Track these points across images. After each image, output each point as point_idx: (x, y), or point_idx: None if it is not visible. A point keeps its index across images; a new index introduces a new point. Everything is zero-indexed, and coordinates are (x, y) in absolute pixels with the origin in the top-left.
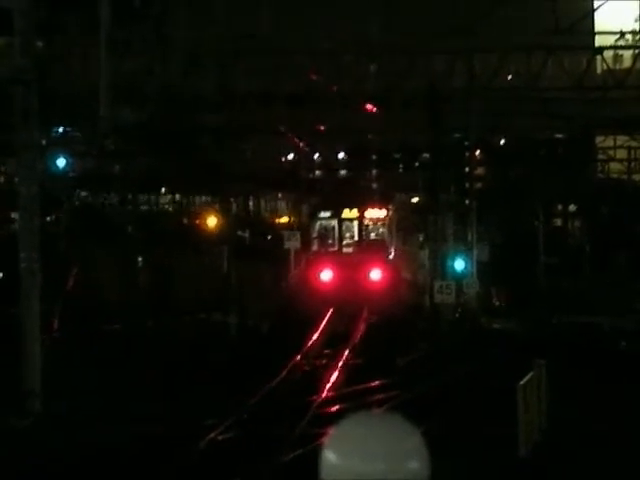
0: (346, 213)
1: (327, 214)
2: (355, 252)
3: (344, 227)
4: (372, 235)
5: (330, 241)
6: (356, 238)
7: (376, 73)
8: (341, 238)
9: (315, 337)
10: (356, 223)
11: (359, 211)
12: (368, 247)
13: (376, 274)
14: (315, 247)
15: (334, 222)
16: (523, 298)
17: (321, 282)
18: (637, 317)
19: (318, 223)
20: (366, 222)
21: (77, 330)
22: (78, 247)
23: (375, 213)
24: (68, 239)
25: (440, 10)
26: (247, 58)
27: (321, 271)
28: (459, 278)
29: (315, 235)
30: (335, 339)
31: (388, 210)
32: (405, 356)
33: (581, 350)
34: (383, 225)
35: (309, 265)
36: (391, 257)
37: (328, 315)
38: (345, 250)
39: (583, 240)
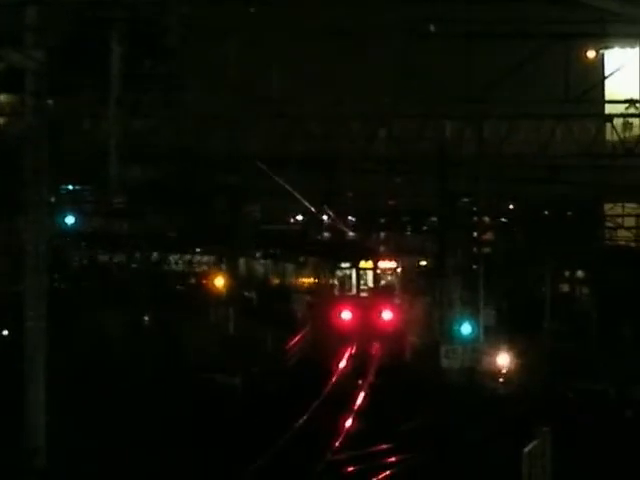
0: (362, 263)
1: (347, 264)
2: (370, 296)
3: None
4: (384, 281)
5: (348, 287)
6: (370, 284)
7: (386, 137)
8: (358, 284)
9: (322, 397)
10: (370, 272)
11: (373, 262)
12: (380, 292)
13: (387, 314)
14: (337, 291)
15: (352, 271)
16: (528, 364)
17: (342, 320)
18: None
19: (339, 272)
20: (378, 271)
21: (82, 387)
22: (85, 305)
23: (386, 264)
24: (75, 297)
25: (451, 77)
26: (258, 121)
27: (342, 311)
28: (465, 342)
29: (337, 282)
30: (341, 400)
31: (397, 261)
32: (410, 422)
33: (586, 418)
34: (393, 274)
35: (332, 306)
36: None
37: (335, 377)
38: (362, 295)
39: (590, 307)
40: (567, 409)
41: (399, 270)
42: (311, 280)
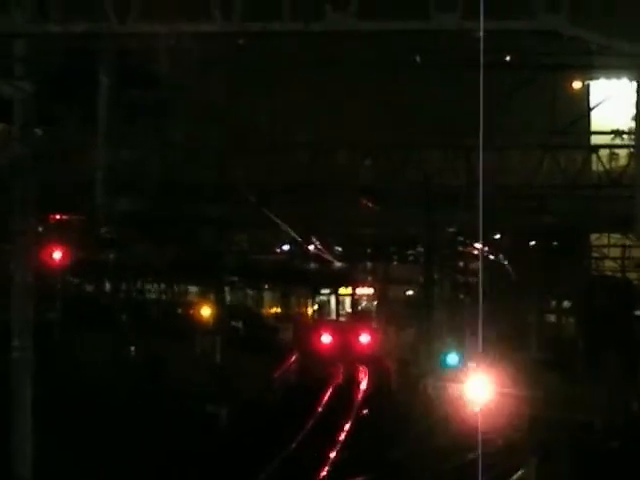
0: (341, 290)
1: (327, 291)
2: (348, 321)
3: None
4: (361, 307)
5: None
6: (349, 310)
7: (371, 167)
8: (337, 310)
9: (308, 426)
10: (349, 298)
11: (352, 289)
12: (358, 317)
13: (364, 338)
14: (317, 317)
15: (332, 297)
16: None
17: (322, 343)
18: (629, 416)
19: (318, 298)
20: (356, 297)
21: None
22: (71, 335)
23: (364, 290)
24: (61, 327)
25: (437, 109)
26: (245, 152)
27: (322, 335)
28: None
29: (316, 307)
30: (326, 429)
31: (375, 288)
32: (396, 449)
33: (571, 448)
34: (370, 300)
35: (315, 331)
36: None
37: (322, 403)
38: (341, 319)
39: (577, 336)
40: (551, 439)
41: (378, 297)
42: (296, 309)
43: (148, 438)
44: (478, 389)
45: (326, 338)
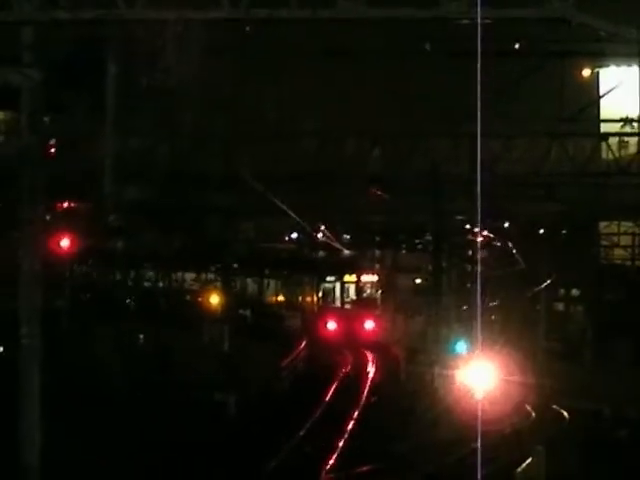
0: (346, 277)
1: (332, 278)
2: (353, 308)
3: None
4: (366, 293)
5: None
6: (353, 297)
7: (380, 156)
8: (342, 297)
9: (315, 415)
10: (353, 285)
11: (357, 276)
12: (363, 304)
13: (369, 324)
14: (322, 304)
15: (337, 284)
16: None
17: (328, 330)
18: (638, 405)
19: (324, 285)
20: (361, 284)
21: (75, 405)
22: (80, 323)
23: (369, 278)
24: (69, 315)
25: (444, 97)
26: (252, 140)
27: (328, 322)
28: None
29: (321, 294)
30: (334, 417)
31: (381, 276)
32: (401, 442)
33: (580, 437)
34: (374, 287)
35: (320, 317)
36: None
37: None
38: (346, 306)
39: (585, 325)
40: (561, 428)
41: (384, 285)
42: (305, 297)
43: (156, 427)
44: (481, 377)
45: (332, 325)
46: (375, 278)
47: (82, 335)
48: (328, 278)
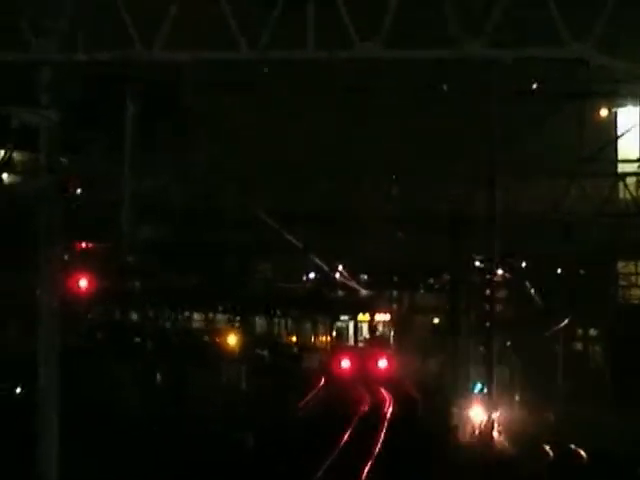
0: (360, 316)
1: (345, 317)
2: (366, 346)
3: (358, 327)
4: (378, 332)
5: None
6: (366, 335)
7: (397, 195)
8: (356, 335)
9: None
10: (366, 324)
11: (370, 315)
12: (376, 343)
13: (382, 363)
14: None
15: (351, 323)
16: (541, 422)
17: (341, 368)
18: None
19: (337, 324)
20: (374, 323)
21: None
22: (97, 363)
23: (382, 316)
24: (87, 355)
25: (462, 135)
26: (269, 179)
27: (342, 359)
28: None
29: (335, 334)
30: (350, 461)
31: (392, 314)
32: None
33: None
34: (387, 325)
35: (334, 355)
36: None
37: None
38: (359, 345)
39: (604, 365)
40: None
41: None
42: (320, 337)
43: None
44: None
45: (345, 363)
46: (388, 317)
47: (99, 373)
48: (342, 317)
